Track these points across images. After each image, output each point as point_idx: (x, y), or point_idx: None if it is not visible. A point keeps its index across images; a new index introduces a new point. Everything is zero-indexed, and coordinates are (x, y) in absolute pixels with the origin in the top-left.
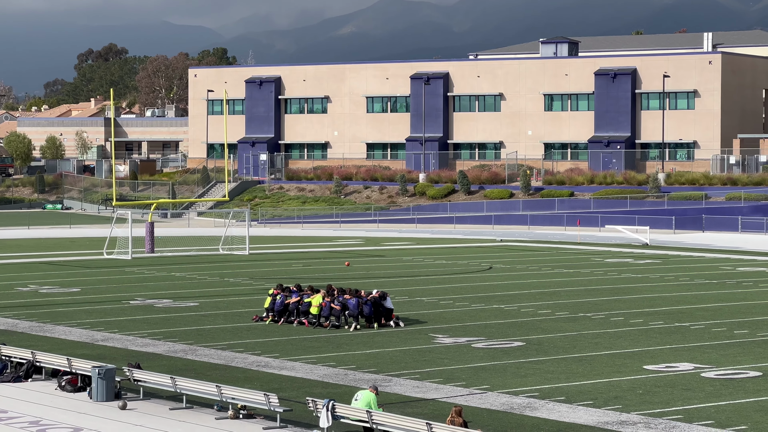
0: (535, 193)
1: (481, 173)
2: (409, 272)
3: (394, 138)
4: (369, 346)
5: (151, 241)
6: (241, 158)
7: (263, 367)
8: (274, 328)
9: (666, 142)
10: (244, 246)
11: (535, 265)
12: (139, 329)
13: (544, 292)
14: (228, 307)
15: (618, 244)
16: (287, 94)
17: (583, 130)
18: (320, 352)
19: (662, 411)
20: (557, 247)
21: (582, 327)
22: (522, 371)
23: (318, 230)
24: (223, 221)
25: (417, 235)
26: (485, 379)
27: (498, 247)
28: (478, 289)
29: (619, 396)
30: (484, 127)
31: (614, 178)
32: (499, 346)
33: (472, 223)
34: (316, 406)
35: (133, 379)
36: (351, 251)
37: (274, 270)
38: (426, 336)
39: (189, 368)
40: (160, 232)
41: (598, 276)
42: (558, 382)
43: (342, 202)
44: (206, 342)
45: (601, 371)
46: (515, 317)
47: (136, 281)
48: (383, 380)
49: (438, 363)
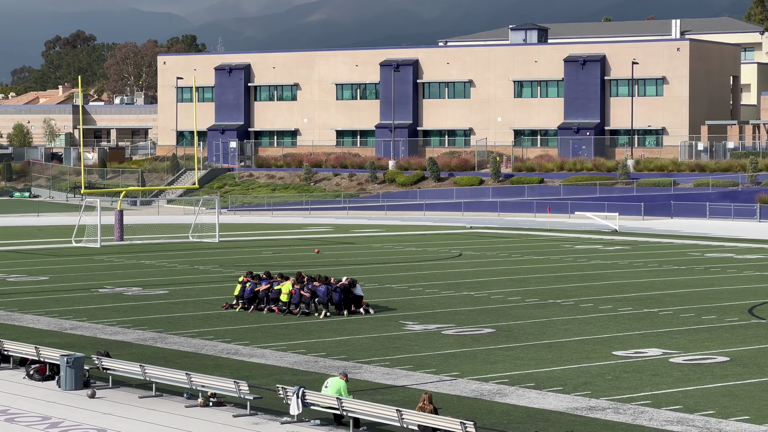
0: (505, 180)
1: (451, 160)
2: (379, 259)
3: (364, 125)
4: (339, 333)
5: (120, 229)
6: (211, 146)
7: (233, 354)
8: (244, 316)
9: (635, 129)
10: (213, 233)
11: (505, 252)
12: (108, 317)
13: (513, 279)
14: (198, 294)
15: (587, 231)
16: (257, 81)
17: (552, 116)
18: (290, 339)
19: (631, 396)
20: (527, 234)
21: (551, 313)
22: (492, 358)
23: (288, 217)
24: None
25: (386, 222)
26: (455, 365)
27: (468, 234)
28: (447, 276)
29: (588, 382)
30: (454, 113)
31: (584, 165)
32: (469, 333)
33: (442, 210)
34: (286, 393)
35: (102, 367)
36: (320, 238)
37: (244, 257)
38: (396, 323)
39: (158, 356)
40: (129, 220)
41: (567, 263)
42: (527, 369)
43: (312, 190)
44: (176, 330)
45: (570, 357)
46: (485, 304)
47: (105, 269)
48: (353, 367)
49: (408, 350)
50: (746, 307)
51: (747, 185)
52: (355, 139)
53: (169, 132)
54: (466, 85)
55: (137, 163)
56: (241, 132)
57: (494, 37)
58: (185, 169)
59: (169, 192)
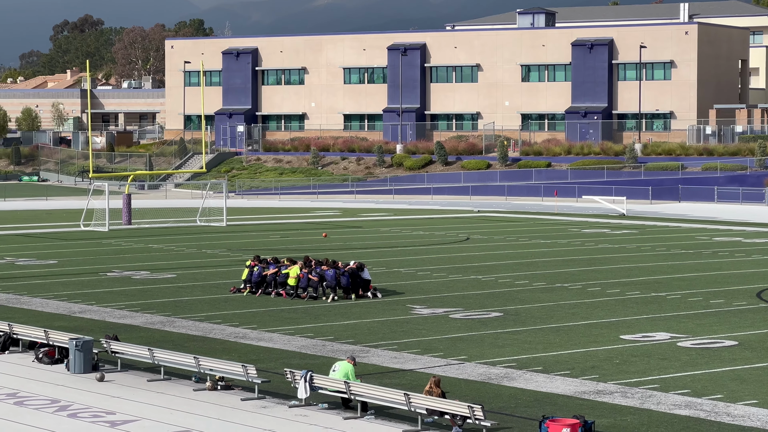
0: (513, 163)
1: (459, 144)
2: (387, 243)
3: (371, 109)
4: (346, 317)
5: (128, 212)
6: (218, 130)
7: (241, 338)
8: (252, 300)
9: (643, 113)
10: (221, 217)
11: (513, 236)
12: (116, 301)
13: (521, 263)
14: (205, 278)
15: (595, 215)
16: (264, 65)
17: (560, 100)
18: (298, 323)
19: (639, 380)
20: (534, 217)
21: (559, 297)
22: (499, 342)
23: (295, 201)
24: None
25: (394, 206)
26: (463, 349)
27: (475, 218)
28: (455, 259)
29: (596, 366)
30: (461, 98)
31: (591, 149)
32: (477, 317)
33: (450, 193)
34: (294, 377)
35: (111, 351)
36: (328, 222)
37: (252, 241)
38: (404, 307)
39: (167, 340)
40: (137, 204)
41: (575, 246)
42: (535, 353)
43: (319, 174)
44: (184, 314)
45: (578, 341)
46: (493, 288)
47: (114, 253)
48: (361, 351)
49: (416, 334)
50: (754, 291)
51: (755, 169)
52: (363, 123)
53: (177, 116)
54: (473, 69)
55: (145, 147)
56: (248, 116)
57: (502, 21)
58: (193, 153)
59: (176, 176)
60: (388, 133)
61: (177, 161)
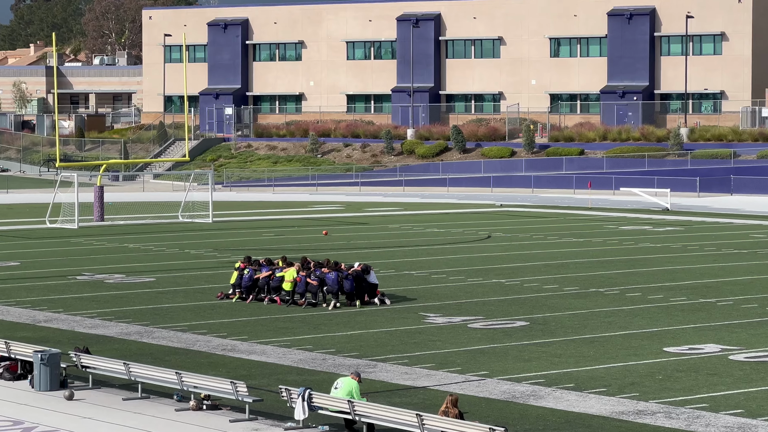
0: (540, 151)
1: (478, 129)
2: (396, 242)
3: (379, 89)
4: (350, 327)
5: (100, 207)
6: (204, 112)
7: (230, 351)
8: (242, 307)
9: (689, 93)
10: (207, 213)
11: (540, 234)
12: (87, 308)
13: (550, 265)
14: (189, 282)
15: (635, 210)
16: (256, 38)
17: (594, 78)
18: (295, 333)
19: (685, 399)
20: (565, 212)
21: (594, 304)
22: (525, 355)
23: (291, 194)
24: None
25: (405, 200)
26: (483, 363)
27: (497, 213)
28: (474, 261)
29: (636, 382)
30: (482, 75)
31: (630, 134)
32: (500, 327)
33: (468, 185)
34: (290, 395)
35: (81, 365)
36: (329, 218)
37: (242, 240)
38: (415, 315)
39: (145, 353)
40: (110, 198)
41: (612, 246)
42: (566, 367)
43: (319, 162)
44: (164, 323)
45: (615, 354)
46: (517, 293)
47: (84, 254)
48: (367, 366)
49: (429, 346)
50: None
51: None
52: (369, 104)
53: (156, 97)
54: (495, 42)
55: (119, 133)
56: (237, 97)
57: None
58: (174, 139)
59: (155, 165)
60: (397, 116)
61: (156, 148)
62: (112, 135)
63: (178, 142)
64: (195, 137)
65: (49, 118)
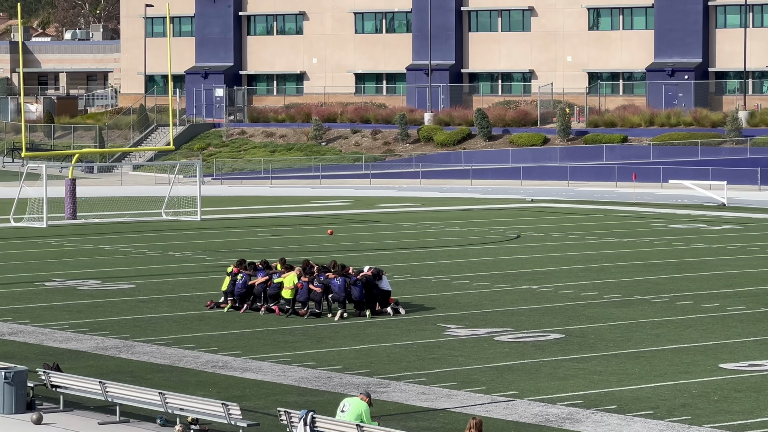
0: (577, 138)
1: (506, 112)
2: (412, 243)
3: (391, 67)
4: (359, 340)
5: (72, 203)
6: (191, 94)
7: (221, 368)
8: (235, 318)
9: (749, 71)
10: (194, 209)
11: (577, 233)
12: (57, 319)
13: (588, 269)
14: (174, 290)
15: (686, 205)
16: (250, 9)
17: (639, 55)
18: (295, 348)
19: (744, 423)
20: (606, 209)
21: (639, 314)
22: (560, 372)
23: (292, 188)
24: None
25: (421, 194)
26: (512, 382)
27: (528, 210)
28: (502, 264)
29: (687, 404)
30: (510, 51)
31: (680, 118)
32: (530, 340)
33: (494, 177)
34: (290, 418)
35: (51, 384)
36: (335, 215)
37: (234, 241)
38: (434, 326)
39: (123, 370)
40: (84, 192)
41: (659, 247)
42: (607, 386)
43: (323, 151)
44: (146, 336)
45: (663, 371)
46: (551, 301)
47: (54, 256)
48: (378, 385)
49: (450, 362)
50: None
51: None
52: (380, 85)
53: (136, 76)
54: (525, 13)
55: (94, 118)
56: (229, 76)
57: None
58: (157, 124)
59: (136, 155)
60: (413, 99)
61: (136, 136)
62: (86, 120)
63: (162, 128)
64: (181, 123)
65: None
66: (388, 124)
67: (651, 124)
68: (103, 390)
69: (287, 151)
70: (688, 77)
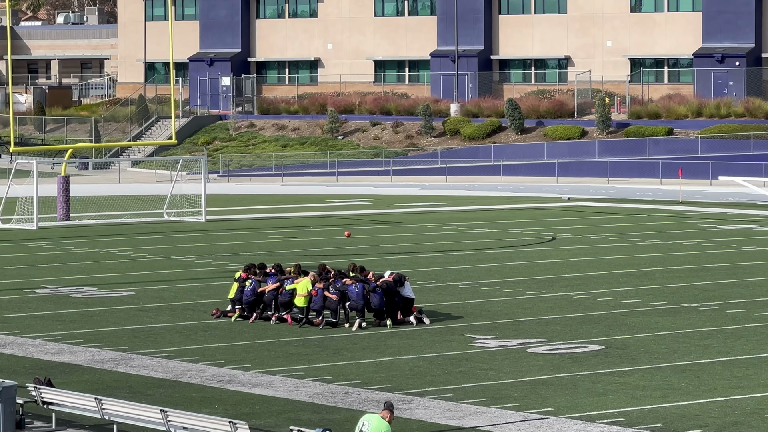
0: (617, 130)
1: (540, 103)
2: (437, 246)
3: (414, 53)
4: (380, 353)
5: (65, 203)
6: (194, 83)
7: (228, 383)
8: (243, 328)
9: None
10: (199, 210)
11: (618, 235)
12: (49, 330)
13: (630, 274)
14: (176, 297)
15: (737, 204)
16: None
17: (686, 39)
18: (309, 361)
19: None
20: (649, 208)
21: (686, 323)
22: (599, 387)
23: (305, 186)
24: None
25: (447, 192)
26: (547, 398)
27: (564, 209)
28: (535, 269)
29: (739, 421)
30: (544, 36)
31: (731, 109)
32: (567, 351)
33: (527, 173)
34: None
35: (42, 400)
36: (353, 216)
37: (242, 244)
38: (461, 337)
39: (121, 385)
40: (78, 191)
41: (708, 250)
42: (651, 403)
43: (339, 146)
44: (146, 348)
45: (713, 386)
46: (590, 309)
47: (45, 261)
48: (400, 401)
49: (479, 376)
50: None
51: None
52: (402, 72)
53: (135, 64)
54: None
55: (89, 109)
56: (237, 63)
57: None
58: (158, 116)
59: (134, 150)
60: (437, 88)
61: (135, 129)
62: (80, 112)
63: (163, 120)
64: (183, 114)
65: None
66: (410, 116)
67: (699, 115)
68: (99, 407)
69: (300, 146)
70: (739, 64)
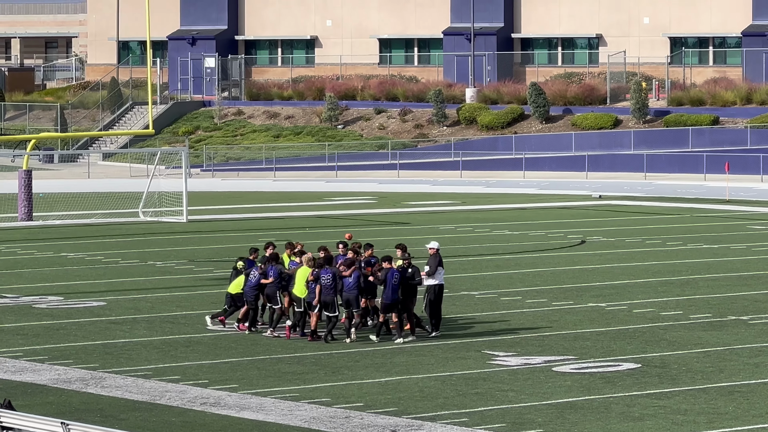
0: (656, 119)
1: (567, 87)
2: (451, 250)
3: (425, 31)
4: (385, 371)
5: (27, 200)
6: (175, 64)
7: (213, 405)
8: (230, 343)
9: None
10: (179, 208)
11: (656, 238)
12: (9, 345)
13: (670, 282)
14: (154, 308)
15: None
16: None
17: (733, 16)
18: (305, 380)
19: None
20: (692, 207)
21: (733, 338)
22: (635, 411)
23: (300, 182)
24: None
25: (462, 189)
26: (576, 423)
27: (595, 209)
28: (563, 276)
29: None
30: (572, 11)
31: None
32: (598, 370)
33: (553, 168)
34: None
35: (1, 426)
36: (355, 216)
37: (228, 248)
38: (478, 353)
39: (91, 408)
40: (42, 187)
41: (759, 255)
42: (695, 429)
43: (340, 136)
44: (119, 366)
45: (764, 410)
46: (624, 323)
47: (4, 267)
48: (409, 427)
49: (498, 398)
50: None
51: None
52: (411, 53)
53: (106, 42)
54: None
55: (55, 94)
56: (223, 42)
57: None
58: (133, 103)
59: (106, 141)
60: (451, 71)
61: (107, 117)
62: (45, 97)
63: (138, 107)
64: (162, 100)
65: None
66: (420, 103)
67: (748, 101)
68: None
69: (294, 136)
70: None
